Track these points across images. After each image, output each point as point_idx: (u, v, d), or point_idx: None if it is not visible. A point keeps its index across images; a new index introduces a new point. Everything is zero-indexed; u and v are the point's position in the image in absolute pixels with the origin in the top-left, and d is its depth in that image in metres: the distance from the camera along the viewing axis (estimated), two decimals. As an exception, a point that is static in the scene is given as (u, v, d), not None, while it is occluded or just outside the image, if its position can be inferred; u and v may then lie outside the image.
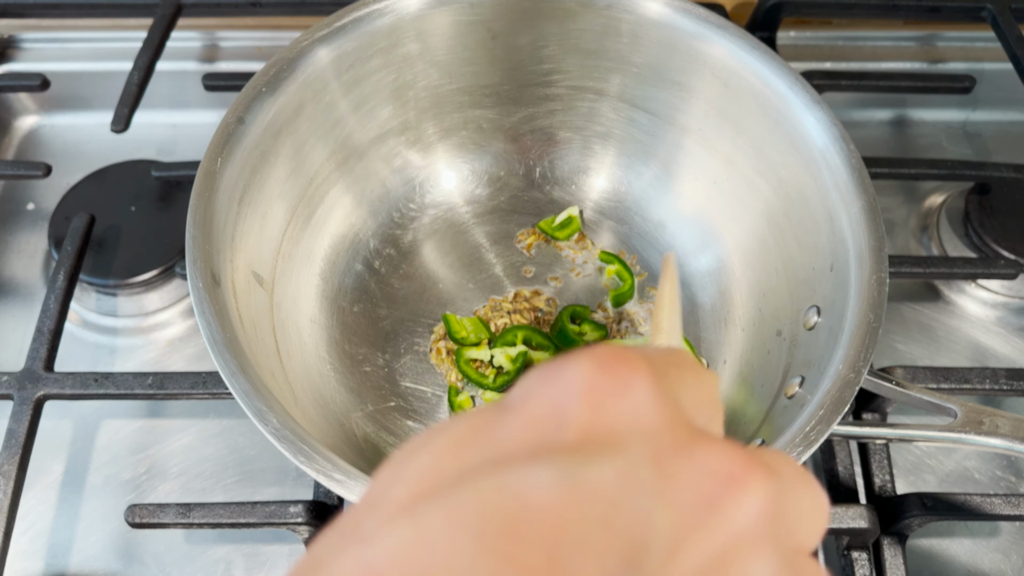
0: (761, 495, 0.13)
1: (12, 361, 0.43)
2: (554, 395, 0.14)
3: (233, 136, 0.35)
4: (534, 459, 0.12)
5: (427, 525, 0.12)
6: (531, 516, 0.11)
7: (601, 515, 0.12)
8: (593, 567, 0.11)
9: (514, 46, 0.42)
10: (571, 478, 0.12)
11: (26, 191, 0.51)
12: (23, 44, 0.57)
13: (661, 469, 0.13)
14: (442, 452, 0.13)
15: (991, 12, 0.53)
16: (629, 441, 0.13)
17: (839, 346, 0.31)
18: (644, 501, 0.12)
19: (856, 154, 0.35)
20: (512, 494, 0.12)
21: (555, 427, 0.13)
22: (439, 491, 0.12)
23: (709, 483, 0.13)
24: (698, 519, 0.12)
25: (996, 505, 0.35)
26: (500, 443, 0.13)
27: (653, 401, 0.14)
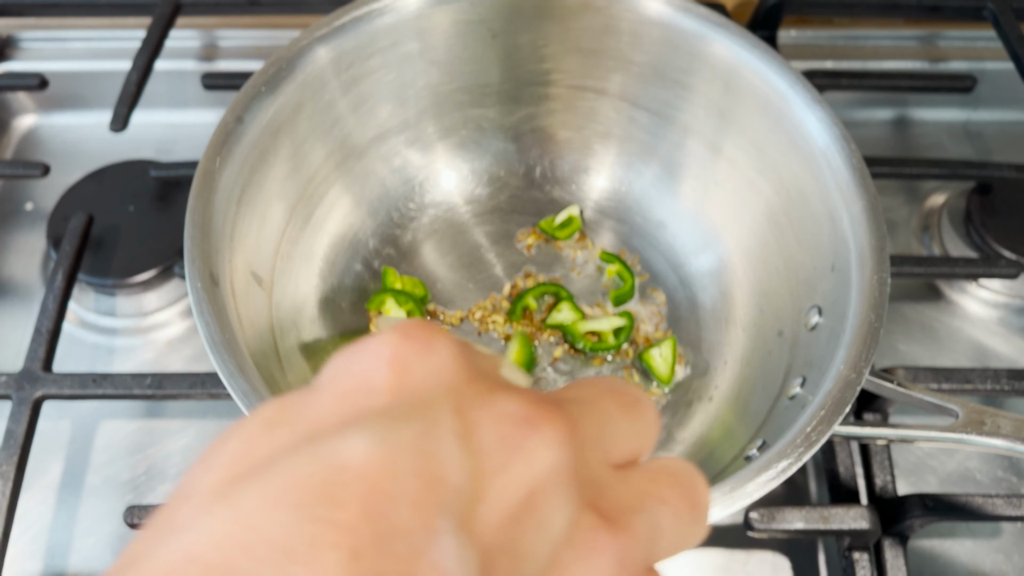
0: (554, 432, 0.14)
1: (10, 361, 0.43)
2: (361, 368, 0.14)
3: (232, 135, 0.34)
4: (345, 427, 0.13)
5: (243, 505, 0.12)
6: (346, 479, 0.12)
7: (412, 466, 0.12)
8: (409, 515, 0.12)
9: (514, 45, 0.42)
10: (381, 437, 0.12)
11: (24, 191, 0.51)
12: (21, 43, 0.57)
13: (464, 418, 0.13)
14: (252, 435, 0.13)
15: (992, 11, 0.53)
16: (434, 397, 0.13)
17: (840, 346, 0.31)
18: (451, 449, 0.13)
19: (857, 153, 0.35)
20: (326, 462, 0.12)
21: (364, 396, 0.14)
22: (252, 471, 0.12)
23: (507, 427, 0.13)
24: (500, 461, 0.13)
25: (998, 506, 0.35)
26: (311, 419, 0.13)
27: (454, 359, 0.14)
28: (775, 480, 0.27)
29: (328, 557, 0.11)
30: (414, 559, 0.11)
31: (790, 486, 0.40)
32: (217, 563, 0.11)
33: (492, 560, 0.13)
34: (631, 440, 0.16)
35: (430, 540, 0.12)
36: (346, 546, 0.11)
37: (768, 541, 0.38)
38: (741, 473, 0.28)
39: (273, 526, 0.11)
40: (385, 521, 0.12)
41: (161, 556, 0.12)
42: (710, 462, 0.36)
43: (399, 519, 0.12)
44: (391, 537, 0.11)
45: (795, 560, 0.38)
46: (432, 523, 0.12)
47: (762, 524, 0.33)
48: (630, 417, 0.16)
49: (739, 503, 0.27)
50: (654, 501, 0.15)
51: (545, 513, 0.13)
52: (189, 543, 0.11)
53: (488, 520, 0.13)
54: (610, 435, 0.15)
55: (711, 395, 0.40)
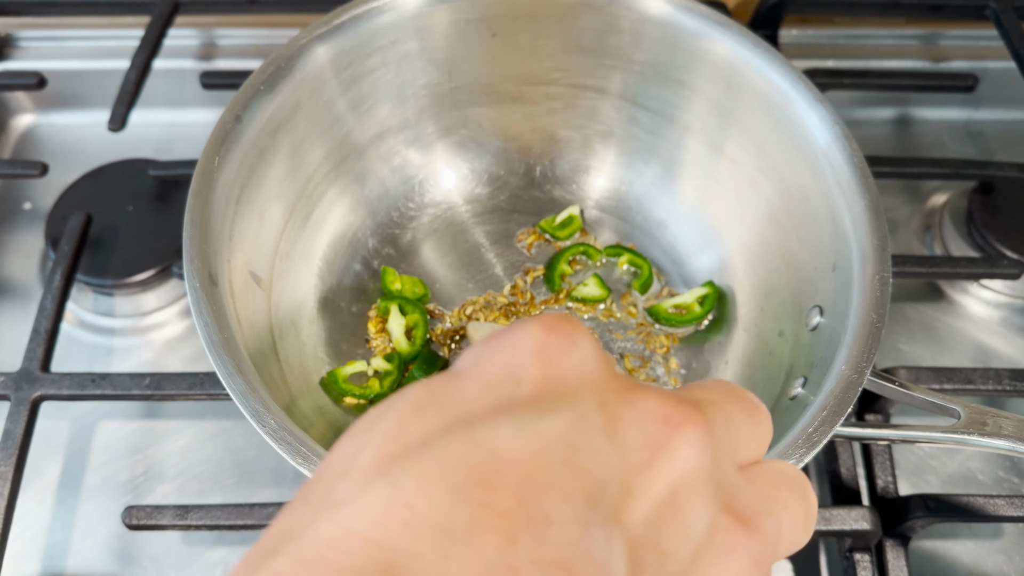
0: (696, 433, 0.14)
1: (8, 361, 0.43)
2: (506, 357, 0.14)
3: (231, 135, 0.34)
4: (496, 415, 0.13)
5: (402, 484, 0.12)
6: (500, 465, 0.12)
7: (562, 458, 0.13)
8: (561, 504, 0.12)
9: (514, 44, 0.42)
10: (532, 427, 0.13)
11: (23, 190, 0.51)
12: (20, 42, 0.56)
13: (609, 413, 0.14)
14: (404, 417, 0.14)
15: (994, 10, 0.53)
16: (579, 392, 0.14)
17: (842, 346, 0.31)
18: (598, 442, 0.13)
19: (859, 153, 0.35)
20: (480, 448, 0.12)
21: (511, 385, 0.14)
22: (409, 452, 0.13)
23: (650, 425, 0.14)
24: (646, 459, 0.14)
25: (999, 507, 0.35)
26: (460, 404, 0.14)
27: (595, 354, 0.15)
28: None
29: (487, 540, 0.11)
30: (568, 547, 0.12)
31: (791, 487, 0.40)
32: (379, 540, 0.11)
33: (639, 555, 0.13)
34: (752, 444, 0.16)
35: (582, 530, 0.12)
36: (503, 530, 0.11)
37: (769, 542, 0.38)
38: (742, 474, 0.27)
39: (432, 506, 0.12)
40: (539, 509, 0.12)
41: (322, 530, 0.12)
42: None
43: (552, 508, 0.12)
44: (545, 524, 0.12)
45: (796, 561, 0.38)
46: (583, 514, 0.12)
47: (763, 525, 0.33)
48: (752, 421, 0.17)
49: (740, 504, 0.27)
50: (778, 506, 0.16)
51: (689, 512, 0.14)
52: (350, 518, 0.12)
53: (635, 516, 0.13)
54: (736, 438, 0.16)
55: (712, 395, 0.40)
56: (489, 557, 0.11)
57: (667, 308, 0.42)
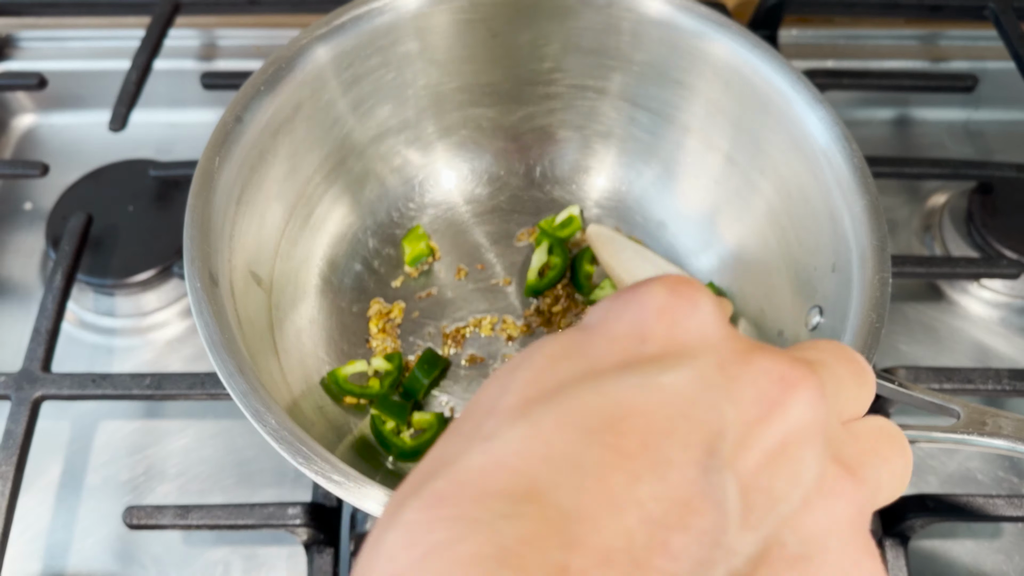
0: (809, 392, 0.15)
1: (9, 361, 0.43)
2: (632, 316, 0.16)
3: (231, 135, 0.34)
4: (623, 369, 0.15)
5: (541, 424, 0.14)
6: (626, 414, 0.14)
7: (682, 410, 0.14)
8: (680, 451, 0.14)
9: (514, 44, 0.42)
10: (656, 382, 0.14)
11: (23, 190, 0.51)
12: (20, 43, 0.56)
13: (727, 373, 0.15)
14: (541, 366, 0.15)
15: (993, 11, 0.53)
16: (699, 351, 0.15)
17: (841, 347, 0.31)
18: (715, 398, 0.14)
19: (858, 153, 0.35)
20: (609, 397, 0.14)
21: (637, 342, 0.15)
22: (546, 397, 0.14)
23: (765, 383, 0.15)
24: (760, 413, 0.15)
25: (999, 506, 0.35)
26: (591, 358, 0.15)
27: (716, 318, 0.16)
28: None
29: (614, 477, 0.13)
30: (686, 487, 0.13)
31: (791, 486, 0.40)
32: (522, 470, 0.13)
33: (751, 497, 0.14)
34: (856, 402, 0.18)
35: (699, 473, 0.13)
36: (629, 469, 0.13)
37: (769, 542, 0.38)
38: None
39: (568, 444, 0.13)
40: (661, 453, 0.13)
41: (474, 459, 0.13)
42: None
43: (672, 453, 0.13)
44: (666, 467, 0.13)
45: (796, 561, 0.38)
46: (700, 460, 0.14)
47: (763, 525, 0.33)
48: (858, 382, 0.18)
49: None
50: (879, 458, 0.17)
51: (798, 462, 0.15)
52: (498, 450, 0.13)
53: (748, 463, 0.14)
54: (844, 396, 0.17)
55: (712, 395, 0.40)
56: (617, 491, 0.13)
57: None
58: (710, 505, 0.13)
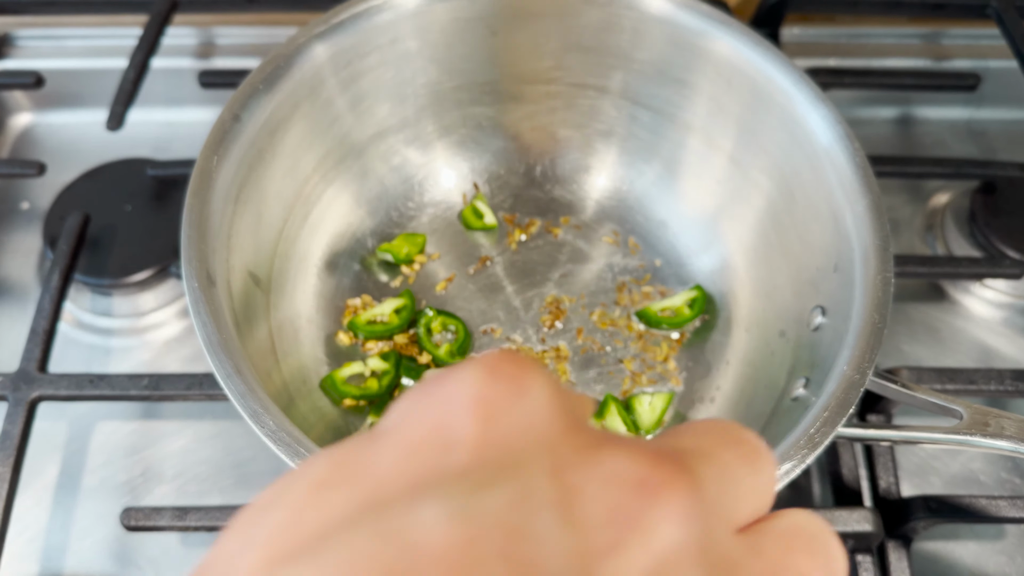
0: (680, 501, 0.11)
1: (6, 362, 0.43)
2: (436, 412, 0.12)
3: (229, 134, 0.34)
4: (417, 494, 0.10)
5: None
6: (418, 563, 0.10)
7: (501, 548, 0.10)
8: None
9: (514, 43, 0.42)
10: (461, 510, 0.10)
11: (20, 190, 0.51)
12: (17, 41, 0.56)
13: (563, 483, 0.11)
14: (302, 501, 0.11)
15: (996, 9, 0.53)
16: (526, 455, 0.11)
17: (844, 347, 0.31)
18: (549, 523, 0.10)
19: (861, 152, 0.35)
20: (393, 541, 0.10)
21: (440, 451, 0.11)
22: (301, 551, 0.10)
23: (618, 493, 0.11)
24: (611, 539, 0.11)
25: (1002, 508, 0.35)
26: (373, 480, 0.11)
27: (550, 403, 0.12)
28: (778, 482, 0.27)
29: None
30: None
31: (793, 488, 0.40)
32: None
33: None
34: (753, 499, 0.14)
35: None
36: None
37: (770, 543, 0.38)
38: (744, 476, 0.27)
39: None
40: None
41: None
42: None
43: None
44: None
45: (798, 562, 0.38)
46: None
47: (765, 527, 0.33)
48: (753, 468, 0.14)
49: (742, 506, 0.27)
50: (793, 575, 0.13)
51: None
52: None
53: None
54: (734, 495, 0.13)
55: (713, 396, 0.40)
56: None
57: (656, 311, 0.42)
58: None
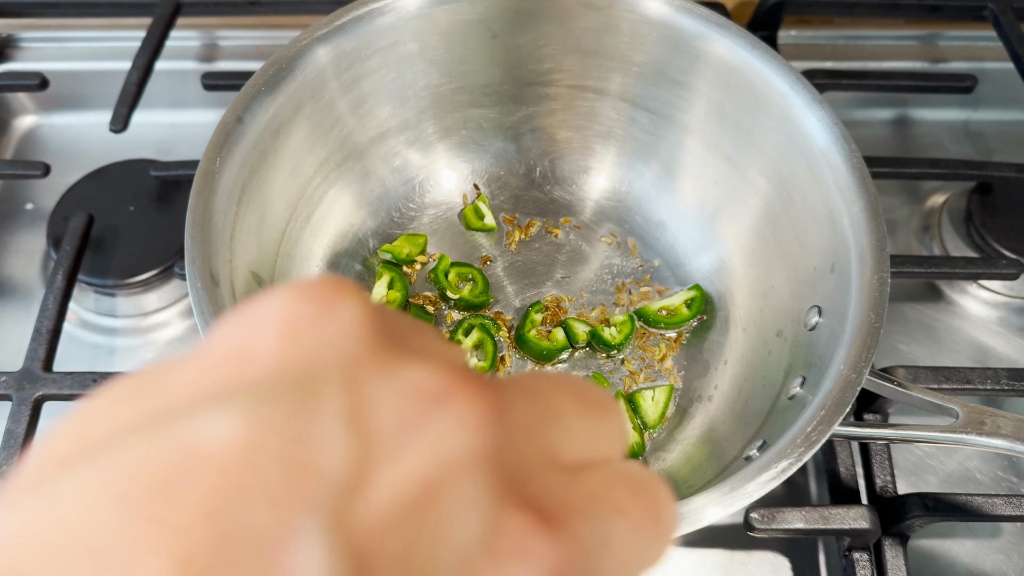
0: (469, 408, 0.11)
1: (11, 361, 0.43)
2: (242, 331, 0.12)
3: (232, 135, 0.34)
4: (205, 403, 0.10)
5: (58, 498, 0.10)
6: (192, 467, 0.10)
7: (278, 452, 0.10)
8: (265, 513, 0.10)
9: (514, 45, 0.42)
10: (246, 416, 0.10)
11: (25, 191, 0.51)
12: (22, 43, 0.57)
13: (357, 395, 0.11)
14: (93, 414, 0.11)
15: (993, 11, 0.53)
16: (324, 370, 0.11)
17: (840, 346, 0.31)
18: (333, 432, 0.10)
19: (857, 153, 0.35)
20: (173, 446, 0.10)
21: (238, 365, 0.11)
22: (80, 457, 0.10)
23: (413, 403, 0.11)
24: (395, 443, 0.11)
25: (997, 506, 0.35)
26: (167, 394, 0.11)
27: (359, 324, 0.12)
28: (775, 480, 0.27)
29: (150, 564, 0.09)
30: (261, 568, 0.09)
31: (790, 486, 0.40)
32: (8, 567, 0.09)
33: (371, 570, 0.10)
34: (588, 442, 0.13)
35: (287, 544, 0.09)
36: (176, 550, 0.09)
37: (768, 541, 0.38)
38: (741, 473, 0.28)
39: (90, 525, 0.09)
40: (232, 521, 0.09)
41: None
42: (710, 462, 0.36)
43: (251, 518, 0.09)
44: (236, 540, 0.09)
45: (795, 560, 0.38)
46: (293, 523, 0.10)
47: (762, 524, 0.33)
48: (589, 417, 0.13)
49: (739, 503, 0.27)
50: (607, 508, 0.12)
51: (449, 511, 0.11)
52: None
53: (368, 520, 0.10)
54: (559, 432, 0.13)
55: (711, 395, 0.40)
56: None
57: (655, 310, 0.42)
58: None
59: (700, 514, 0.27)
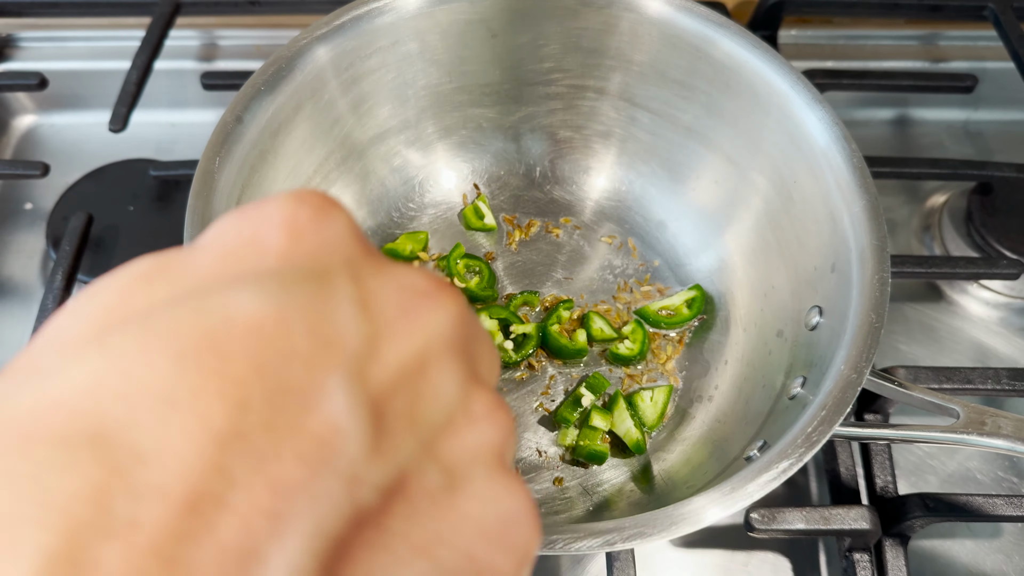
0: (452, 309, 0.14)
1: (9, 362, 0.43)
2: (251, 227, 0.13)
3: (231, 135, 0.34)
4: (234, 283, 0.12)
5: (120, 352, 0.11)
6: (236, 332, 0.11)
7: (305, 325, 0.12)
8: (301, 372, 0.11)
9: (514, 44, 0.42)
10: (274, 295, 0.12)
11: (24, 191, 0.51)
12: (21, 43, 0.57)
13: (362, 285, 0.13)
14: (128, 287, 0.12)
15: (993, 11, 0.53)
16: (331, 264, 0.13)
17: (841, 346, 0.31)
18: (347, 312, 0.12)
19: (858, 153, 0.35)
20: (214, 315, 0.11)
21: (254, 256, 0.13)
22: (130, 321, 0.11)
23: (407, 296, 0.13)
24: (397, 325, 0.13)
25: (998, 506, 0.35)
26: (195, 274, 0.13)
27: (351, 231, 0.14)
28: (776, 480, 0.27)
29: (214, 407, 0.10)
30: (304, 413, 0.11)
31: (791, 486, 0.40)
32: (87, 410, 0.10)
33: (385, 418, 0.12)
34: (490, 365, 0.16)
35: (321, 397, 0.11)
36: (234, 397, 0.11)
37: (769, 542, 0.38)
38: (742, 474, 0.27)
39: (154, 374, 0.11)
40: (276, 376, 0.11)
41: (22, 401, 0.10)
42: (711, 462, 0.36)
43: (290, 375, 0.11)
44: (281, 392, 0.11)
45: (796, 561, 0.38)
46: (324, 381, 0.12)
47: (763, 525, 0.33)
48: (492, 351, 0.16)
49: (740, 504, 0.27)
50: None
51: (439, 377, 0.13)
52: (55, 387, 0.11)
53: (381, 379, 0.12)
54: (478, 348, 0.15)
55: (711, 395, 0.40)
56: (214, 424, 0.10)
57: (655, 310, 0.42)
58: (332, 433, 0.11)
59: (701, 515, 0.26)
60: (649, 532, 0.26)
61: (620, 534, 0.26)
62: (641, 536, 0.26)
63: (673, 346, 0.42)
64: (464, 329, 0.14)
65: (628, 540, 0.26)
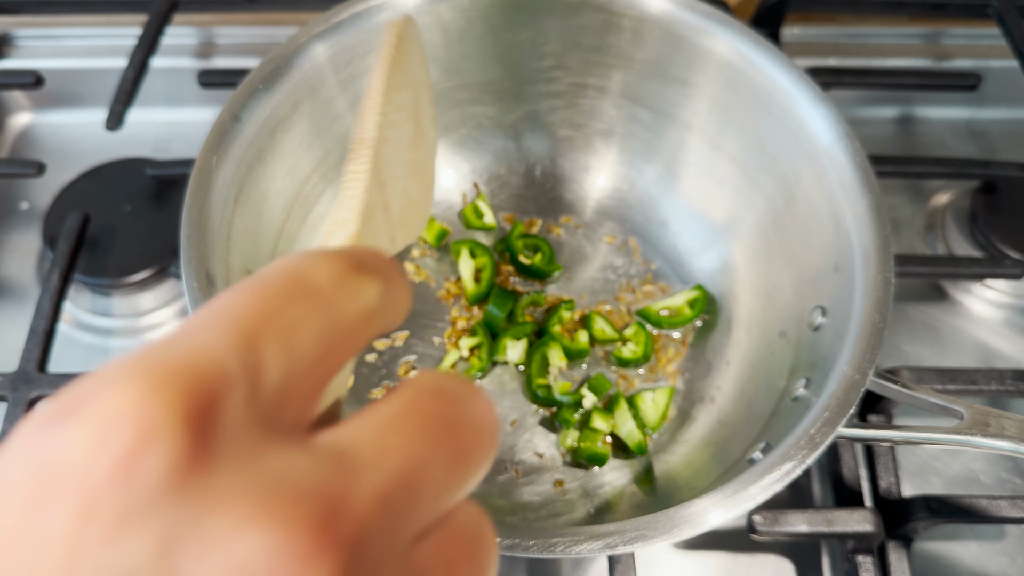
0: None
1: (5, 362, 0.43)
2: (29, 499, 0.10)
3: (229, 134, 0.34)
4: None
5: None
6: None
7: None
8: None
9: (514, 42, 0.42)
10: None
11: (19, 189, 0.51)
12: (17, 41, 0.56)
13: (172, 565, 0.09)
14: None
15: (997, 9, 0.53)
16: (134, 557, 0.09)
17: (844, 347, 0.31)
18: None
19: (861, 152, 0.35)
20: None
21: (25, 557, 0.10)
22: None
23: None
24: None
25: (1002, 508, 0.35)
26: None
27: (99, 440, 0.10)
28: (779, 483, 0.27)
29: None
30: None
31: (794, 489, 0.40)
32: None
33: None
34: (445, 498, 0.12)
35: None
36: None
37: (771, 544, 0.38)
38: (744, 476, 0.27)
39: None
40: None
41: None
42: (713, 464, 0.36)
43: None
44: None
45: (799, 563, 0.38)
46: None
47: (766, 527, 0.33)
48: (457, 462, 0.12)
49: (742, 506, 0.27)
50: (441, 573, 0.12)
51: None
52: None
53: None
54: (418, 506, 0.12)
55: (713, 396, 0.40)
56: None
57: (657, 310, 0.42)
58: None
59: (703, 517, 0.26)
60: (651, 535, 0.26)
61: (621, 537, 0.26)
62: (642, 539, 0.26)
63: (676, 348, 0.42)
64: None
65: (629, 543, 0.25)
